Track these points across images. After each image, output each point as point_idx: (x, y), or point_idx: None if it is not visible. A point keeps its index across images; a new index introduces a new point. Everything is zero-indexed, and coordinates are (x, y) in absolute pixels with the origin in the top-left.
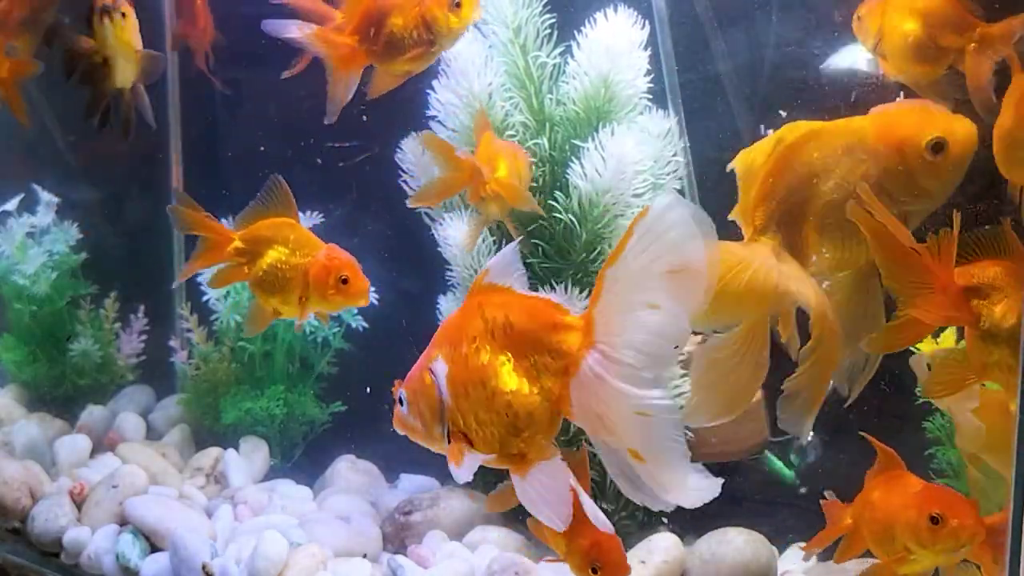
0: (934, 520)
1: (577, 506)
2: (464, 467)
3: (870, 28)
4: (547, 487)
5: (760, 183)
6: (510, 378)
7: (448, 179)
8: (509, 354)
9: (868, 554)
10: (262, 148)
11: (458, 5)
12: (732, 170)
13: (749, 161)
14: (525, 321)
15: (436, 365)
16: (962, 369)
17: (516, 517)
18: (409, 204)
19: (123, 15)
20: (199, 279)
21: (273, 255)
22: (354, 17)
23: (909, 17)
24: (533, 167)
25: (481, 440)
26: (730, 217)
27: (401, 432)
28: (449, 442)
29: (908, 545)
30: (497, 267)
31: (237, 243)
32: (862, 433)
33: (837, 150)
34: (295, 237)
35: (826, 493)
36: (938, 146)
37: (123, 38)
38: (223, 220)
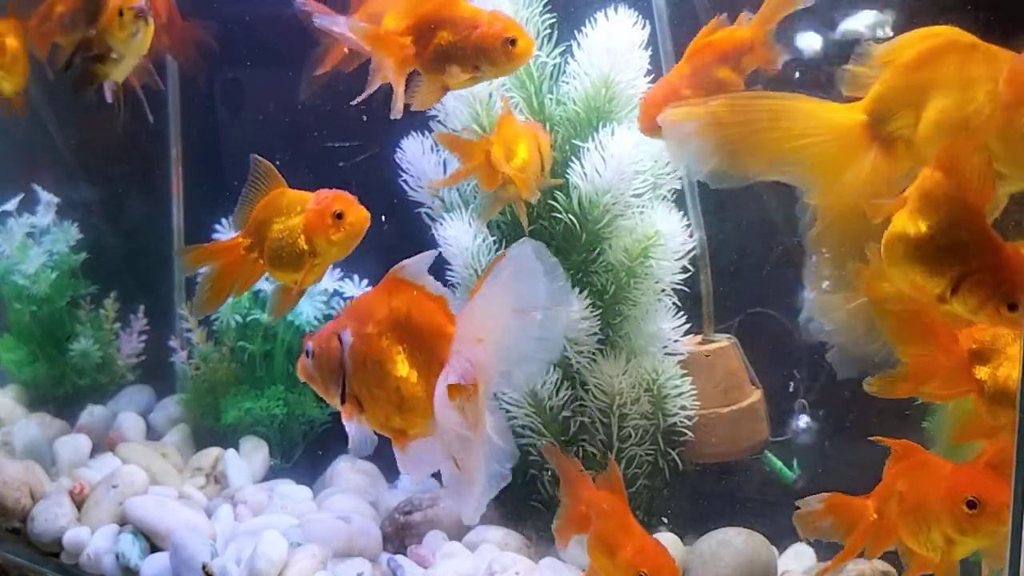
0: (971, 505)
1: (618, 517)
2: (355, 431)
3: None
4: (421, 459)
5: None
6: (402, 366)
7: (465, 167)
8: (405, 345)
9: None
10: (261, 148)
11: (513, 43)
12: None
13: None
14: (423, 320)
15: (344, 335)
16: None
17: (516, 517)
18: (430, 190)
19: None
20: (199, 279)
21: (275, 228)
22: (408, 19)
23: None
24: (553, 146)
25: (370, 410)
26: None
27: (302, 379)
28: (343, 403)
29: (950, 535)
30: (413, 266)
31: (242, 241)
32: (872, 438)
33: (974, 72)
34: (286, 202)
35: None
36: None
37: (144, 43)
38: (224, 219)
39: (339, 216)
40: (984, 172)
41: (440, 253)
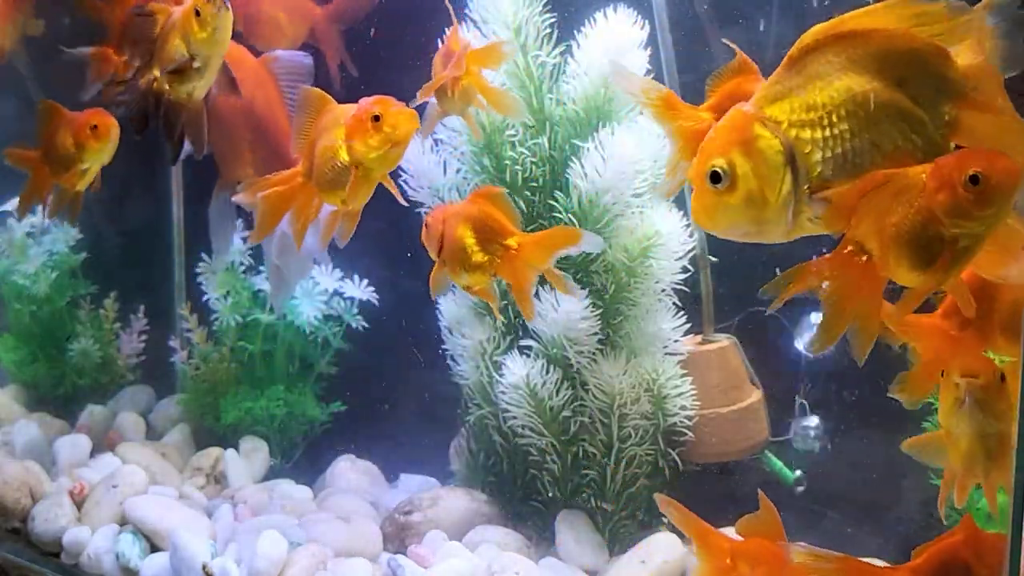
0: (974, 180)
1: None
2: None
3: None
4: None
5: None
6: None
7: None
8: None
9: (866, 555)
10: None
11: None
12: None
13: None
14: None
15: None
16: None
17: (516, 517)
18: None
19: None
20: (199, 279)
21: (319, 146)
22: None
23: None
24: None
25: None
26: None
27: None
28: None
29: (951, 223)
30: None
31: (300, 170)
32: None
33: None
34: (331, 119)
35: None
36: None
37: (227, 37)
38: None
39: (376, 119)
40: None
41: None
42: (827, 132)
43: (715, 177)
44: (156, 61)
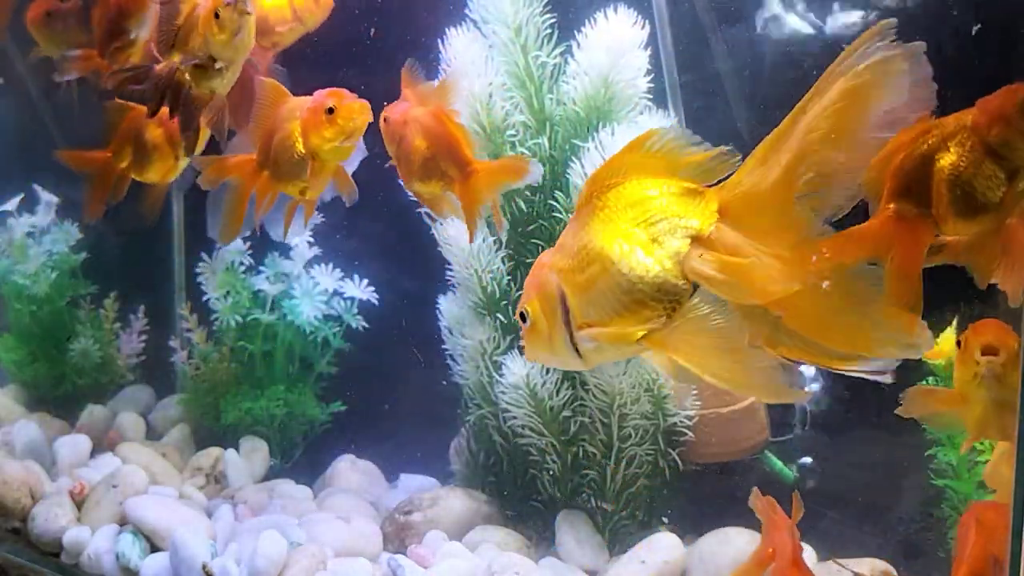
0: None
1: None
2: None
3: None
4: None
5: None
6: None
7: None
8: None
9: (866, 555)
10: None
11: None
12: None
13: None
14: None
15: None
16: None
17: (516, 517)
18: None
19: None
20: (199, 279)
21: (276, 137)
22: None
23: None
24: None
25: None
26: None
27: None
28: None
29: (1011, 154)
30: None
31: (255, 157)
32: None
33: None
34: (287, 110)
35: None
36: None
37: (250, 39)
38: None
39: (330, 111)
40: None
41: (440, 253)
42: (580, 276)
43: (523, 317)
44: (176, 50)
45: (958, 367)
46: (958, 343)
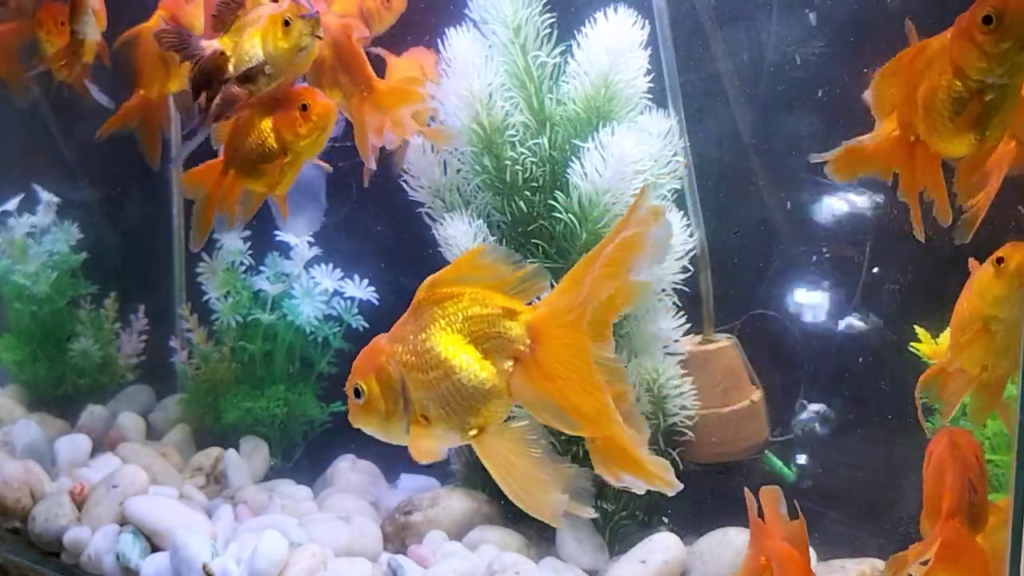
0: (987, 20)
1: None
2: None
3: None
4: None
5: None
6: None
7: None
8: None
9: (868, 554)
10: None
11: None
12: (730, 170)
13: None
14: None
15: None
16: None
17: (516, 517)
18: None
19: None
20: (199, 279)
21: (246, 136)
22: None
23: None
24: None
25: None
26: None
27: None
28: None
29: (975, 71)
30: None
31: (219, 164)
32: None
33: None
34: (256, 110)
35: None
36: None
37: (309, 61)
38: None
39: (304, 108)
40: None
41: (440, 253)
42: (423, 376)
43: (356, 392)
44: (228, 35)
45: (992, 287)
46: (999, 260)
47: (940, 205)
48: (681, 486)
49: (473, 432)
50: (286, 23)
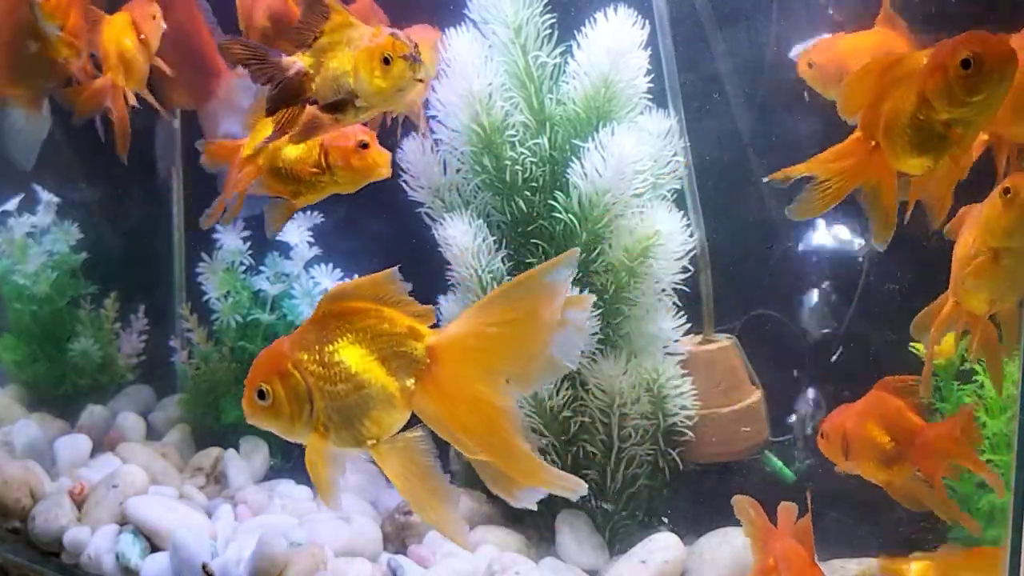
0: (966, 64)
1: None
2: None
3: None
4: None
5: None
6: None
7: None
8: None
9: (868, 554)
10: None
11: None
12: (730, 170)
13: None
14: None
15: None
16: None
17: (516, 517)
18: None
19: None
20: (199, 279)
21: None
22: None
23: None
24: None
25: None
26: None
27: None
28: None
29: (942, 108)
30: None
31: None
32: None
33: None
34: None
35: None
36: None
37: (405, 100)
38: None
39: (363, 147)
40: None
41: (440, 253)
42: (331, 387)
43: (261, 394)
44: (310, 55)
45: (1002, 217)
46: (1006, 191)
47: (879, 224)
48: (585, 487)
49: (371, 442)
50: (386, 61)
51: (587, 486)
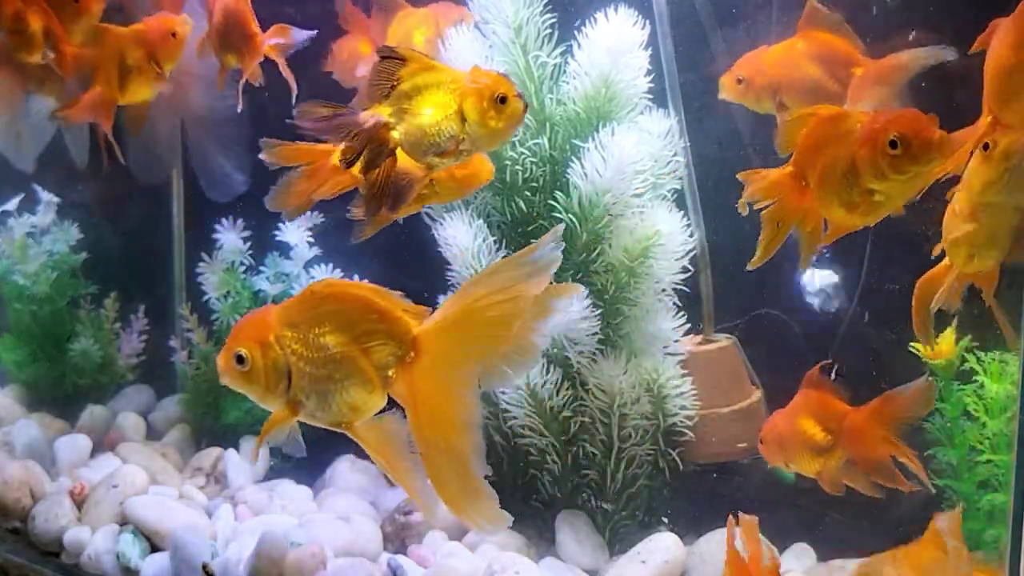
0: (893, 144)
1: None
2: None
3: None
4: None
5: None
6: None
7: None
8: None
9: (866, 553)
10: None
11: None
12: (731, 170)
13: None
14: None
15: None
16: None
17: (516, 517)
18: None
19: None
20: (199, 279)
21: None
22: None
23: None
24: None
25: None
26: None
27: None
28: None
29: (868, 178)
30: None
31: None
32: None
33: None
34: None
35: None
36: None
37: (506, 139)
38: (224, 220)
39: (503, 100)
40: None
41: (440, 253)
42: (312, 370)
43: (239, 359)
44: (389, 106)
45: (980, 171)
46: (985, 146)
47: (805, 251)
48: (505, 524)
49: (344, 424)
50: (502, 100)
51: (507, 523)
